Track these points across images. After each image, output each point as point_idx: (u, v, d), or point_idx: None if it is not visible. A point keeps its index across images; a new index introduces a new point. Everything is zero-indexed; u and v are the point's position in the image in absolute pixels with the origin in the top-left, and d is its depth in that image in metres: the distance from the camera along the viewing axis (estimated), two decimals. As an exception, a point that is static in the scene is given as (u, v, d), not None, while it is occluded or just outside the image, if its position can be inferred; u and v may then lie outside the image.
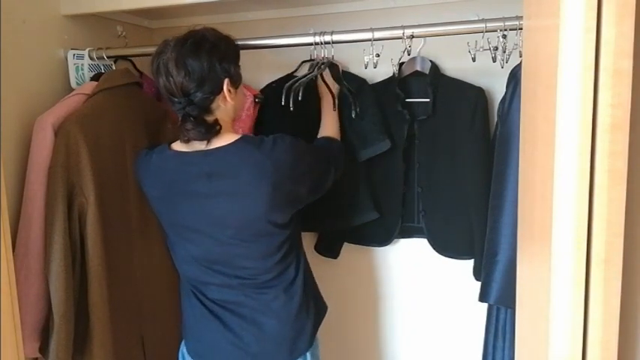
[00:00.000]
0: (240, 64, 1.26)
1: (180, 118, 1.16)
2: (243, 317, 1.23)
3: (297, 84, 1.44)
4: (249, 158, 1.14)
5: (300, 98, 1.40)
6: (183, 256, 1.27)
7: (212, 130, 1.15)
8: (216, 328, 1.24)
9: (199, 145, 1.17)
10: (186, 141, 1.18)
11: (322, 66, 1.47)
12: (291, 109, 1.41)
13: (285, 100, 1.40)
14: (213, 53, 1.14)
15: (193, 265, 1.25)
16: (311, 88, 1.49)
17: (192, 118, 1.14)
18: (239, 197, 1.14)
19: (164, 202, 1.24)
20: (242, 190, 1.13)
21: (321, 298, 1.39)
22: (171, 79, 1.12)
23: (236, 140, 1.17)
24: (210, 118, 1.16)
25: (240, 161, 1.14)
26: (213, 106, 1.17)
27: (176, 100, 1.14)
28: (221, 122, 1.18)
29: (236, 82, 1.20)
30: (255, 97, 1.63)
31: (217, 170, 1.15)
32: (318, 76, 1.48)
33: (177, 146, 1.22)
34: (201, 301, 1.27)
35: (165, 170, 1.22)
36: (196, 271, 1.25)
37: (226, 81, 1.15)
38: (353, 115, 1.53)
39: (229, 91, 1.17)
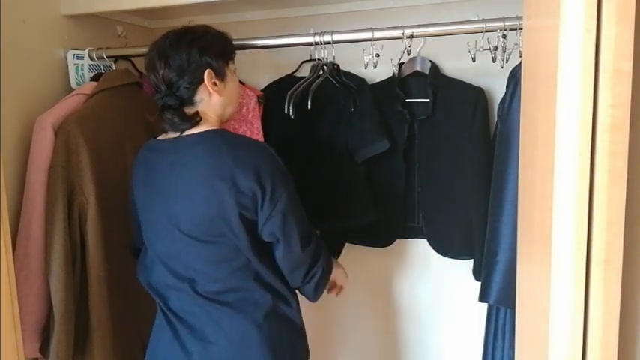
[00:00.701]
0: (240, 64, 1.26)
1: (159, 108, 1.13)
2: (193, 330, 1.13)
3: (297, 90, 1.45)
4: (212, 151, 1.09)
5: (309, 107, 1.42)
6: (151, 256, 1.20)
7: (189, 121, 1.12)
8: (169, 341, 1.15)
9: (174, 135, 1.15)
10: (165, 132, 1.16)
11: (325, 67, 1.47)
12: (292, 116, 1.43)
13: (287, 107, 1.42)
14: (194, 44, 1.12)
15: (157, 267, 1.18)
16: (314, 90, 1.50)
17: (171, 109, 1.12)
18: (194, 190, 1.08)
19: (140, 195, 1.20)
20: (198, 183, 1.08)
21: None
22: (156, 72, 1.12)
23: (207, 130, 1.13)
24: (190, 110, 1.13)
25: (203, 153, 1.09)
26: (196, 98, 1.13)
27: (159, 92, 1.13)
28: (203, 116, 1.14)
29: (220, 75, 1.15)
30: (258, 97, 1.63)
31: (180, 160, 1.11)
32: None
33: (159, 137, 1.19)
34: (162, 310, 1.19)
35: (144, 161, 1.20)
36: (159, 273, 1.18)
37: (207, 72, 1.12)
38: (352, 109, 1.54)
39: (214, 83, 1.13)
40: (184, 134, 1.13)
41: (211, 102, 1.15)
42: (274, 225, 1.09)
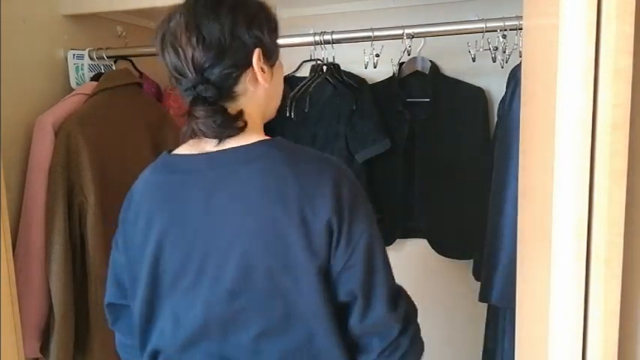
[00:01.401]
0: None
1: (188, 105, 0.79)
2: None
3: (299, 93, 1.46)
4: (269, 173, 0.76)
5: (306, 110, 1.42)
6: (152, 334, 0.84)
7: (231, 123, 0.78)
8: None
9: (208, 146, 0.80)
10: (193, 138, 0.82)
11: (325, 68, 1.48)
12: (293, 118, 1.44)
13: (288, 111, 1.43)
14: (239, 12, 0.79)
15: (167, 344, 0.82)
16: (312, 93, 1.50)
17: (205, 103, 0.77)
18: (247, 232, 0.76)
19: (146, 238, 0.82)
20: (251, 222, 0.76)
21: None
22: (180, 50, 0.77)
23: (259, 141, 0.79)
24: (232, 107, 0.80)
25: (256, 176, 0.76)
26: (238, 89, 0.80)
27: (184, 80, 0.79)
28: (248, 118, 0.80)
29: (271, 57, 0.84)
30: None
31: (222, 186, 0.78)
32: None
33: (181, 149, 0.85)
34: None
35: (154, 188, 0.84)
36: (172, 355, 0.82)
37: (257, 52, 0.79)
38: (353, 107, 1.54)
39: (262, 69, 0.80)
40: (226, 147, 0.79)
41: (256, 95, 0.82)
42: (353, 279, 0.77)
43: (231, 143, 0.79)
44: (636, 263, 0.70)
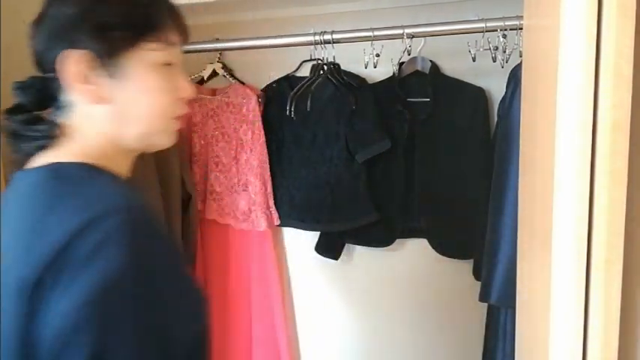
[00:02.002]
0: (241, 64, 1.25)
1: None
2: None
3: (299, 92, 1.46)
4: (28, 210, 0.60)
5: (308, 109, 1.42)
6: None
7: (34, 134, 0.63)
8: None
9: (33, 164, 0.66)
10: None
11: (325, 67, 1.48)
12: (293, 117, 1.44)
13: (289, 109, 1.44)
14: None
15: None
16: (314, 92, 1.50)
17: (20, 110, 0.66)
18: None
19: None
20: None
21: None
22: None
23: (51, 164, 0.63)
24: (52, 115, 0.65)
25: (19, 212, 0.61)
26: (65, 99, 0.65)
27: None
28: (79, 135, 0.64)
29: (111, 64, 0.63)
30: (257, 97, 1.63)
31: (8, 219, 0.63)
32: None
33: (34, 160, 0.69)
34: None
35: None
36: None
37: (73, 56, 0.61)
38: (353, 107, 1.54)
39: (85, 78, 0.62)
40: (30, 167, 0.64)
41: (92, 115, 0.64)
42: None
43: (45, 161, 0.64)
44: (637, 263, 0.70)
